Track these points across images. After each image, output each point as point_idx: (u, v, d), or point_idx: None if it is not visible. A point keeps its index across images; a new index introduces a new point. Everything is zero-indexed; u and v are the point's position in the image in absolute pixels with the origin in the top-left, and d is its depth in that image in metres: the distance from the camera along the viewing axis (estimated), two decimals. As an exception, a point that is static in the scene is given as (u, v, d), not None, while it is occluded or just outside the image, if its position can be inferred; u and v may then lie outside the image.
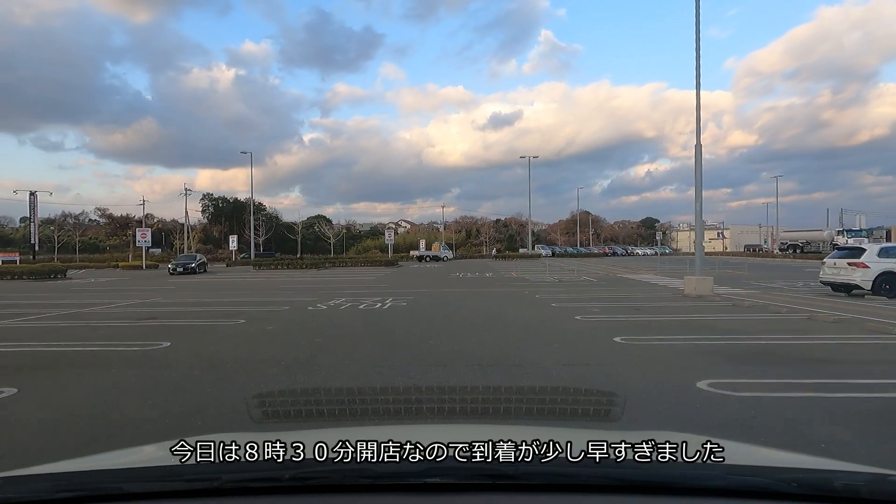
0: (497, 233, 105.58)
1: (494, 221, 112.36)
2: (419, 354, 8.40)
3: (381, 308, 15.19)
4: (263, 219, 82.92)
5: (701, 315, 13.15)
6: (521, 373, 7.15)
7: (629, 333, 10.20)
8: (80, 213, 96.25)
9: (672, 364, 7.68)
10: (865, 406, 5.62)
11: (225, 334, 10.94)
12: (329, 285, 25.13)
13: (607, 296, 18.37)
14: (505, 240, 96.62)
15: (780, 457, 2.11)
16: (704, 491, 1.24)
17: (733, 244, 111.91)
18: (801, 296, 17.59)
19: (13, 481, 1.30)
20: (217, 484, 1.24)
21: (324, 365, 7.70)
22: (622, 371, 7.22)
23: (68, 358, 8.60)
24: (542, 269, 38.52)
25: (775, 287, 21.47)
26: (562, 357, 8.36)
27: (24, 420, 5.32)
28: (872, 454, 4.15)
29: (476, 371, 7.14)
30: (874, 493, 1.21)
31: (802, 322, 11.84)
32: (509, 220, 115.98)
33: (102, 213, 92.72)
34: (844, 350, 8.69)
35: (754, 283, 24.06)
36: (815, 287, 19.70)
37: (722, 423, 4.99)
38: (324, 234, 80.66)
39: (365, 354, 8.55)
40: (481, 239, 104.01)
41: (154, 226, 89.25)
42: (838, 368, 7.37)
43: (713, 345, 9.10)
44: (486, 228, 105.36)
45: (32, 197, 66.61)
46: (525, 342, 9.55)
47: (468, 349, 8.73)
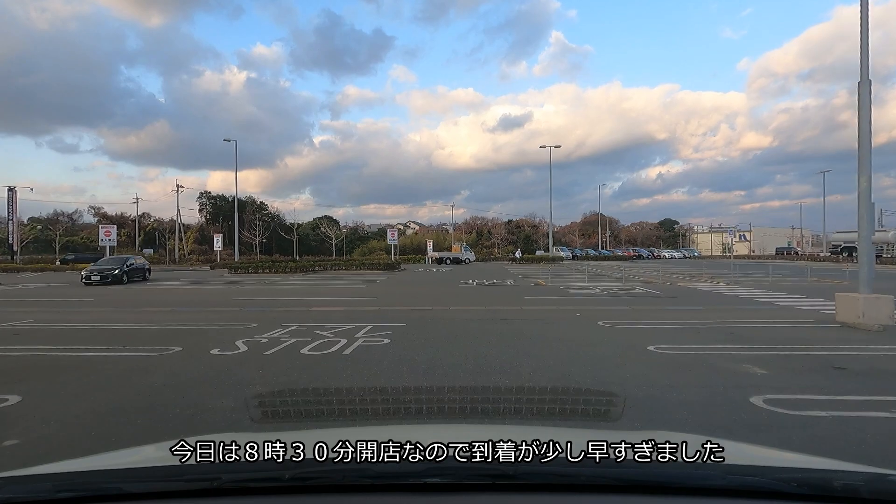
0: (510, 234, 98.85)
1: (506, 222, 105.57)
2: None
3: (337, 353, 8.34)
4: (262, 219, 77.06)
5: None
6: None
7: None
8: (73, 212, 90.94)
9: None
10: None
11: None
12: (297, 299, 18.33)
13: (716, 325, 11.30)
14: (520, 241, 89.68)
15: (780, 457, 2.05)
16: (704, 491, 1.22)
17: (758, 248, 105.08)
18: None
19: (13, 481, 1.30)
20: (217, 484, 1.22)
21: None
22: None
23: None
24: (573, 275, 31.41)
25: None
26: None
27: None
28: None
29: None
30: (874, 493, 1.19)
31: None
32: (522, 221, 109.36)
33: (96, 212, 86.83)
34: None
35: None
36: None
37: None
38: (326, 234, 74.40)
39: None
40: (493, 240, 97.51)
41: (149, 225, 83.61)
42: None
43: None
44: (498, 230, 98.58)
45: (11, 193, 60.65)
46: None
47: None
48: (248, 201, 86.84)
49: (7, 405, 5.60)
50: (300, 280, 29.01)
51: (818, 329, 10.77)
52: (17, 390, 6.12)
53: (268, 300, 17.77)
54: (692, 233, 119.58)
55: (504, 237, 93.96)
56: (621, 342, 9.31)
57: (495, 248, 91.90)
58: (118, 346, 9.14)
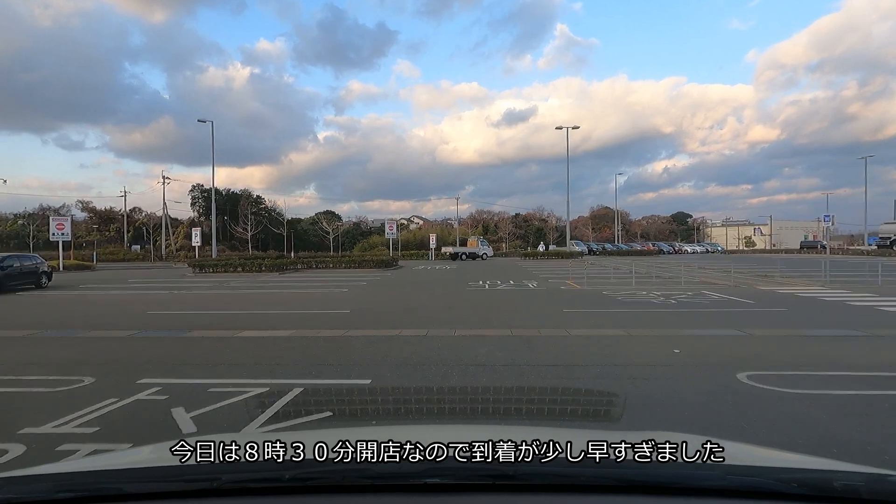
0: (517, 228, 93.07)
1: (513, 216, 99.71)
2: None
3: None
4: (257, 213, 71.91)
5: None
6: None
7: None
8: (60, 207, 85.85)
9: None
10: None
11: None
12: (235, 313, 12.74)
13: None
14: (531, 235, 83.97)
15: (780, 457, 1.96)
16: (704, 491, 1.20)
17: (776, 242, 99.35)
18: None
19: (13, 482, 1.28)
20: (217, 484, 1.20)
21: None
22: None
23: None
24: (603, 273, 25.62)
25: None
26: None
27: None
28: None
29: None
30: (874, 493, 1.17)
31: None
32: (529, 215, 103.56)
33: (84, 207, 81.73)
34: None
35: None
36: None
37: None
38: (324, 230, 69.05)
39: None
40: (500, 235, 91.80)
41: (140, 220, 78.59)
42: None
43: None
44: (505, 224, 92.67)
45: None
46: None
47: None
48: (243, 195, 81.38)
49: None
50: (271, 282, 23.23)
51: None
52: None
53: (193, 316, 12.14)
54: (705, 226, 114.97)
55: (512, 231, 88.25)
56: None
57: (503, 243, 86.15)
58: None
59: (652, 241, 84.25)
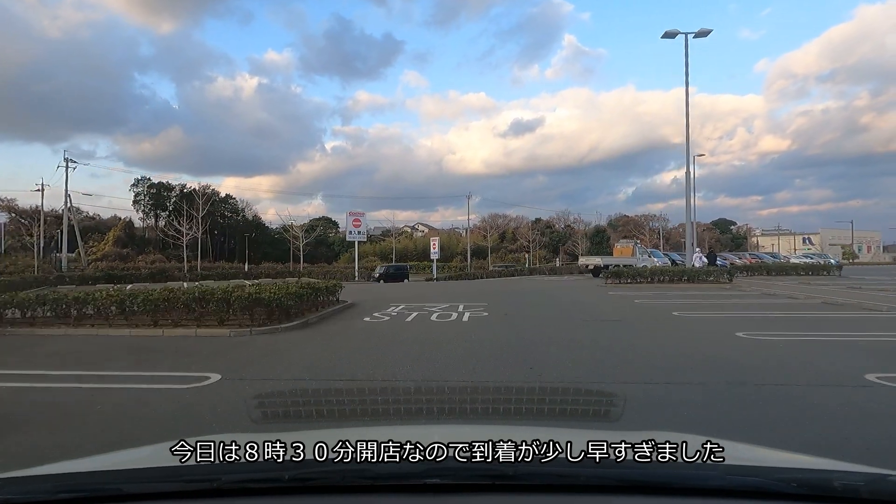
0: (541, 236, 74.84)
1: (534, 221, 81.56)
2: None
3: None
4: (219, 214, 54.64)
5: None
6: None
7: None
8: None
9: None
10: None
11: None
12: None
13: None
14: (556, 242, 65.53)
15: (780, 457, 1.96)
16: (704, 491, 1.18)
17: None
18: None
19: (13, 482, 1.24)
20: (217, 484, 1.17)
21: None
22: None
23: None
24: None
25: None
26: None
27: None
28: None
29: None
30: (873, 493, 1.16)
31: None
32: (553, 220, 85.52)
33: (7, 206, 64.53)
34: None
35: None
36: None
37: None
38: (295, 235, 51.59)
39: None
40: (519, 243, 73.67)
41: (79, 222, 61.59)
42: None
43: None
44: (525, 230, 74.52)
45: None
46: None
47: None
48: (201, 191, 63.61)
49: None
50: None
51: None
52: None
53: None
54: (751, 235, 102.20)
55: (536, 240, 69.83)
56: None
57: (524, 254, 68.04)
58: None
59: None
